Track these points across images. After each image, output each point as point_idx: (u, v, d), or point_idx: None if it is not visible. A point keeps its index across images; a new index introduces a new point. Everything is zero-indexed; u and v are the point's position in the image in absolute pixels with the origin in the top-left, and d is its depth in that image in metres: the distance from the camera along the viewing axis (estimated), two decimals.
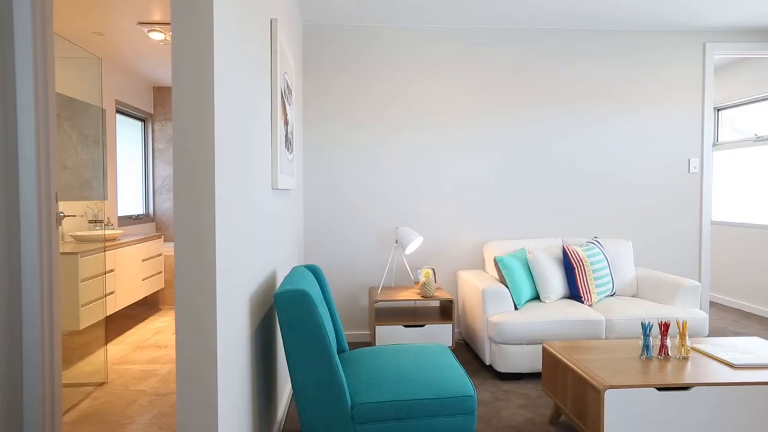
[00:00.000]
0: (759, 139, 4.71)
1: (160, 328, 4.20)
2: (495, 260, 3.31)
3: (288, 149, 2.71)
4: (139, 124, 5.41)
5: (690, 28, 3.94)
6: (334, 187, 3.83)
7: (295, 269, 2.22)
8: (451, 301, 3.34)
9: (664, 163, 4.01)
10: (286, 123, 2.65)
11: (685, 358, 2.25)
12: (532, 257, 3.33)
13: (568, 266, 3.33)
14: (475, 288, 3.27)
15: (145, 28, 3.50)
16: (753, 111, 4.84)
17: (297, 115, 3.31)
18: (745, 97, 4.84)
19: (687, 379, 2.01)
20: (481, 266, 3.93)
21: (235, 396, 1.53)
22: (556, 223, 3.96)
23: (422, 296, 3.35)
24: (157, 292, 4.89)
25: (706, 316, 3.12)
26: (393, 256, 3.87)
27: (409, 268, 3.87)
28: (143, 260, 4.25)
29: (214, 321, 1.31)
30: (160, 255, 4.65)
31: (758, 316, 4.58)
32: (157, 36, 3.60)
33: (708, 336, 3.80)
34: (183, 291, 1.30)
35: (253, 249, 1.83)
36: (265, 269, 2.10)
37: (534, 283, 3.34)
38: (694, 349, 2.38)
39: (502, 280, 3.28)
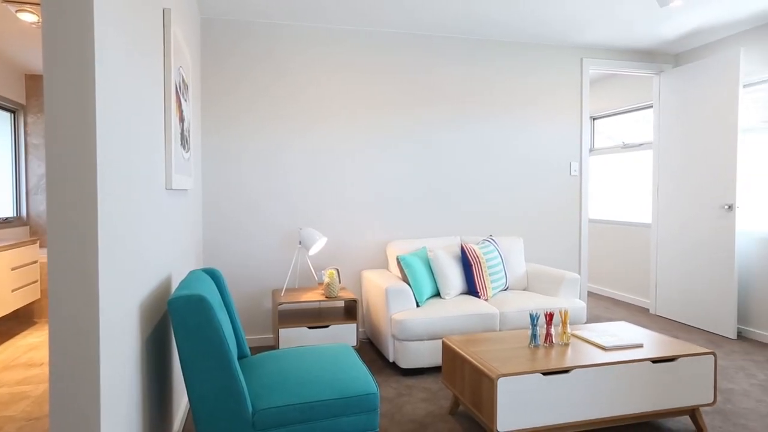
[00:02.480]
0: (626, 146, 5.31)
1: (34, 344, 3.77)
2: (398, 259, 3.40)
3: (184, 147, 2.57)
4: (7, 116, 4.81)
5: (570, 44, 4.34)
6: (235, 187, 3.70)
7: (191, 273, 2.11)
8: (355, 301, 3.37)
9: (550, 166, 4.38)
10: (182, 120, 2.51)
11: (567, 344, 2.48)
12: (432, 255, 3.46)
13: (466, 263, 3.51)
14: (378, 287, 3.33)
15: (12, 8, 3.12)
16: (622, 121, 5.45)
17: (194, 111, 3.15)
18: (616, 109, 5.44)
19: (567, 363, 2.21)
20: (385, 265, 4.01)
21: (122, 414, 1.42)
22: (455, 222, 4.16)
23: (326, 297, 3.34)
24: (31, 303, 4.38)
25: (585, 305, 3.46)
26: (297, 257, 3.82)
27: (312, 269, 3.84)
28: (13, 269, 3.78)
29: (96, 332, 1.21)
30: (35, 262, 4.18)
31: (626, 303, 5.16)
32: (28, 17, 3.22)
33: (586, 323, 4.21)
34: (58, 301, 1.18)
35: (145, 253, 1.71)
36: (159, 274, 1.97)
37: (435, 280, 3.48)
38: (574, 335, 2.62)
39: (405, 279, 3.38)
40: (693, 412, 2.40)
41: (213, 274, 2.32)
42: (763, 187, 3.91)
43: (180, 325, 1.63)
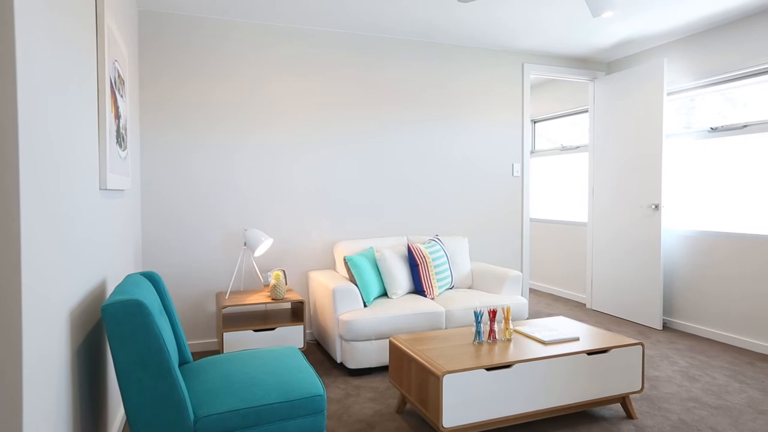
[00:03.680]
0: (564, 149, 5.56)
1: None
2: (345, 259, 3.40)
3: (120, 146, 2.45)
4: None
5: (511, 50, 4.49)
6: (176, 188, 3.56)
7: (128, 277, 2.02)
8: (302, 303, 3.33)
9: (493, 167, 4.52)
10: (118, 117, 2.39)
11: (509, 340, 2.56)
12: (379, 255, 3.48)
13: (413, 263, 3.56)
14: (325, 288, 3.31)
15: None
16: (560, 124, 5.71)
17: (132, 108, 3.00)
18: (555, 112, 5.68)
19: (510, 358, 2.29)
20: (332, 266, 3.99)
21: (48, 431, 1.33)
22: (402, 222, 4.21)
23: (273, 299, 3.29)
24: None
25: (526, 301, 3.59)
26: (242, 258, 3.73)
27: (258, 271, 3.77)
28: None
29: (18, 343, 1.13)
30: None
31: (565, 298, 5.41)
32: None
33: (528, 319, 4.37)
34: None
35: (76, 257, 1.62)
36: (92, 279, 1.87)
37: (382, 280, 3.50)
38: (516, 331, 2.72)
39: (352, 279, 3.38)
40: (623, 400, 2.55)
41: (152, 278, 2.23)
42: (686, 188, 4.22)
43: (114, 332, 1.56)
